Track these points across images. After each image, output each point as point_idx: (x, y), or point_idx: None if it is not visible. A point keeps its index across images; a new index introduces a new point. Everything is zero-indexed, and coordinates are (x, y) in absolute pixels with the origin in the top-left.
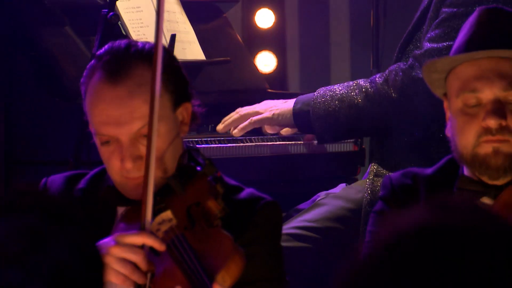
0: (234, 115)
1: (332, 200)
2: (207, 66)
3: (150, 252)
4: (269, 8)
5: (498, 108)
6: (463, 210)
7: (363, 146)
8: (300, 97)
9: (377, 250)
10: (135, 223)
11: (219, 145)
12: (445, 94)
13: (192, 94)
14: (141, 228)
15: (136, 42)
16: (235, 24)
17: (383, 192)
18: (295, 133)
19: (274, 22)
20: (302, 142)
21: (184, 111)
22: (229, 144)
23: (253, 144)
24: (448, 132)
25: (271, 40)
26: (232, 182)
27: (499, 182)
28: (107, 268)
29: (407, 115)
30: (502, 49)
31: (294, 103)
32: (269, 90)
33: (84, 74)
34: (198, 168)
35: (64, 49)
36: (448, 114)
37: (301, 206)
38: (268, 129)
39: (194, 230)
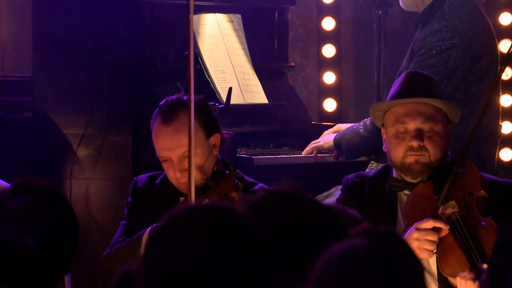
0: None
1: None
2: (270, 107)
3: None
4: (331, 71)
5: (418, 134)
6: (290, 198)
7: (371, 157)
8: (338, 133)
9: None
10: None
11: (276, 155)
12: (382, 124)
13: (220, 127)
14: None
15: (183, 96)
16: (311, 81)
17: (343, 187)
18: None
19: (335, 80)
20: (333, 155)
21: (215, 139)
22: (283, 155)
23: (301, 155)
24: (385, 148)
25: (333, 91)
26: (250, 179)
27: (415, 180)
28: None
29: None
30: (420, 97)
31: (335, 136)
32: (313, 122)
33: (152, 117)
34: (227, 172)
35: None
36: (384, 137)
37: (324, 193)
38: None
39: None
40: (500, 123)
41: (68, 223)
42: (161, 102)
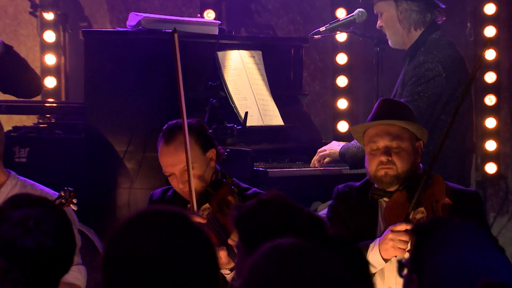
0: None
1: None
2: (285, 128)
3: None
4: (344, 98)
5: (387, 151)
6: (274, 202)
7: None
8: (344, 145)
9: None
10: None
11: (289, 169)
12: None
13: (215, 143)
14: (191, 214)
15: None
16: (328, 107)
17: (334, 195)
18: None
19: (347, 105)
20: (341, 167)
21: (211, 153)
22: (295, 168)
23: (310, 169)
24: (365, 163)
25: (346, 114)
26: (244, 185)
27: (392, 189)
28: None
29: None
30: (389, 120)
31: (340, 148)
32: (323, 141)
33: (158, 139)
34: (224, 180)
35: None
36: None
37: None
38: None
39: (221, 213)
40: (474, 141)
41: (66, 221)
42: (164, 126)
